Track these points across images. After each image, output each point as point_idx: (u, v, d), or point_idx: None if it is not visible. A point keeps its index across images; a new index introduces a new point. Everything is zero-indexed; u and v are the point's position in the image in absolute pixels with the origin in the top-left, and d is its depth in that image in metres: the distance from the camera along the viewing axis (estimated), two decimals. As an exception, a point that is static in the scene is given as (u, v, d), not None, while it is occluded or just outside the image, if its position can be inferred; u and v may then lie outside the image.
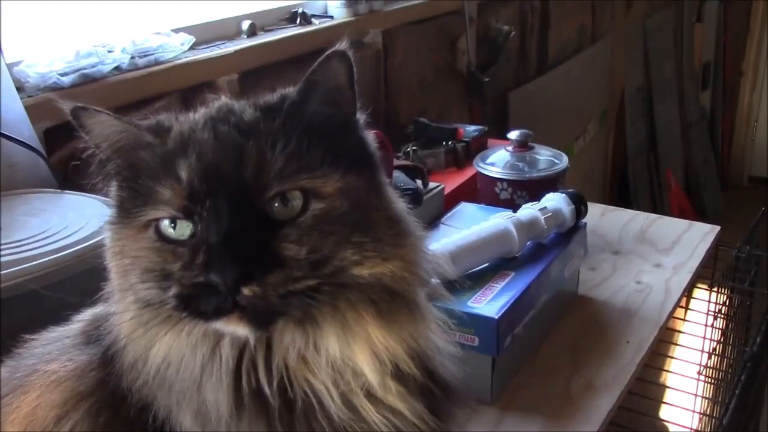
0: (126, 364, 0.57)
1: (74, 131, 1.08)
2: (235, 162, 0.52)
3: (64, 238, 0.86)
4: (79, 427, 0.56)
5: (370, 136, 0.61)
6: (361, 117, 0.60)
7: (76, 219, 0.91)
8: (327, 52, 0.54)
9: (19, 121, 1.01)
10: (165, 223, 0.53)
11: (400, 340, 0.57)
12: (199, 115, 0.58)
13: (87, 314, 0.65)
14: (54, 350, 0.61)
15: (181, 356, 0.55)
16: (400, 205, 0.60)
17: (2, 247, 0.83)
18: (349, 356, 0.55)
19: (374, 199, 0.57)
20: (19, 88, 1.07)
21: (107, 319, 0.59)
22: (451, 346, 0.62)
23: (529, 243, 1.10)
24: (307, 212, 0.53)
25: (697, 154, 3.83)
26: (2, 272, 0.79)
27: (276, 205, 0.52)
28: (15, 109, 1.01)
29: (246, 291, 0.50)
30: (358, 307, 0.55)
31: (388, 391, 0.56)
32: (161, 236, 0.53)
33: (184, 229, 0.53)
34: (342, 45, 0.54)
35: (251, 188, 0.52)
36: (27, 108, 1.04)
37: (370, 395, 0.56)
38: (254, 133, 0.53)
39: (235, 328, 0.52)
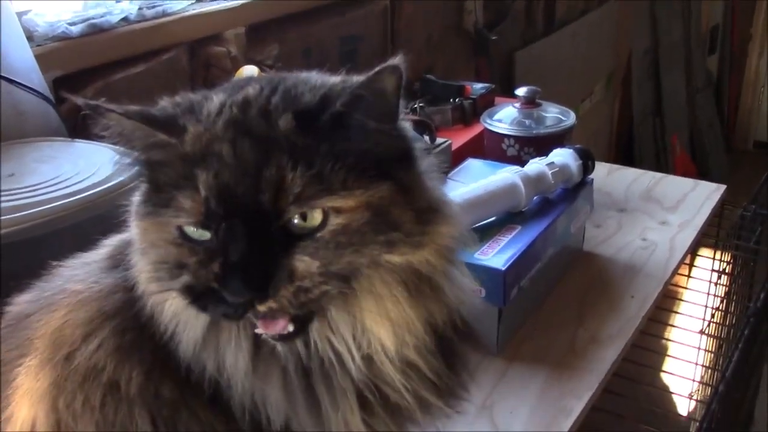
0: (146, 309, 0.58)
1: (83, 81, 1.08)
2: (252, 186, 0.50)
3: (75, 184, 0.87)
4: (105, 345, 0.57)
5: (408, 129, 0.59)
6: (401, 109, 0.56)
7: (87, 166, 0.91)
8: (380, 67, 0.51)
9: (29, 70, 1.01)
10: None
11: (423, 318, 0.58)
12: (223, 106, 0.54)
13: (114, 240, 0.66)
14: (81, 273, 0.63)
15: (192, 317, 0.56)
16: (435, 192, 0.59)
17: (15, 191, 0.84)
18: (372, 329, 0.57)
19: (402, 201, 0.55)
20: (28, 37, 1.06)
21: (133, 245, 0.60)
22: (469, 282, 0.63)
23: (536, 198, 1.11)
24: (325, 227, 0.52)
25: (703, 119, 3.81)
26: (14, 215, 0.80)
27: (295, 221, 0.52)
28: (24, 57, 1.01)
29: (261, 308, 0.52)
30: (391, 287, 0.56)
31: (406, 347, 0.58)
32: (183, 235, 0.53)
33: (203, 233, 0.52)
34: (396, 60, 0.51)
35: (268, 213, 0.51)
36: (36, 57, 1.04)
37: (388, 356, 0.58)
38: (277, 150, 0.51)
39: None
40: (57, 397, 0.57)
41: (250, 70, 1.21)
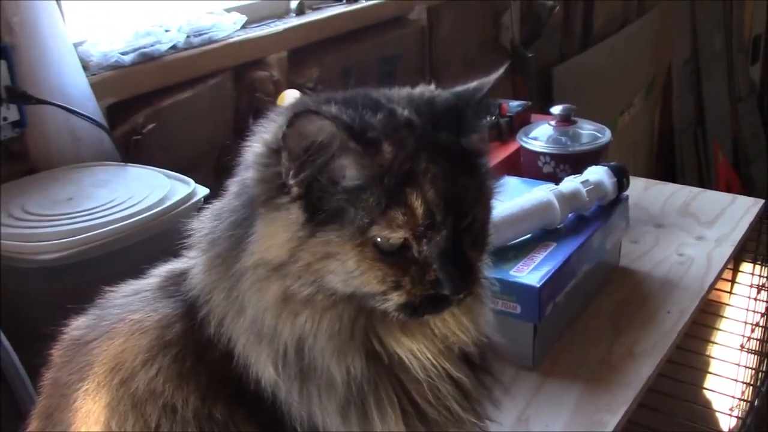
0: (233, 328, 0.61)
1: (134, 107, 1.12)
2: (458, 196, 0.59)
3: (130, 207, 0.92)
4: (165, 371, 0.61)
5: None
6: None
7: (140, 190, 0.96)
8: (495, 75, 0.67)
9: (85, 98, 1.07)
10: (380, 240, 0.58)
11: (482, 321, 0.67)
12: (401, 120, 0.60)
13: (162, 270, 0.70)
14: (136, 301, 0.66)
15: (314, 331, 0.60)
16: None
17: (74, 215, 0.89)
18: (449, 330, 0.64)
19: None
20: (84, 67, 1.12)
21: (185, 275, 0.65)
22: (493, 314, 0.70)
23: (571, 215, 1.13)
24: (476, 221, 0.62)
25: (746, 128, 3.76)
26: (75, 238, 0.85)
27: None
28: (81, 85, 1.07)
29: (461, 297, 0.60)
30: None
31: (461, 365, 0.65)
32: (380, 251, 0.58)
33: (394, 244, 0.58)
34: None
35: (463, 216, 0.60)
36: (91, 85, 1.09)
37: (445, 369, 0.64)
38: (458, 160, 0.60)
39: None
40: (110, 418, 0.61)
41: (292, 94, 1.26)
